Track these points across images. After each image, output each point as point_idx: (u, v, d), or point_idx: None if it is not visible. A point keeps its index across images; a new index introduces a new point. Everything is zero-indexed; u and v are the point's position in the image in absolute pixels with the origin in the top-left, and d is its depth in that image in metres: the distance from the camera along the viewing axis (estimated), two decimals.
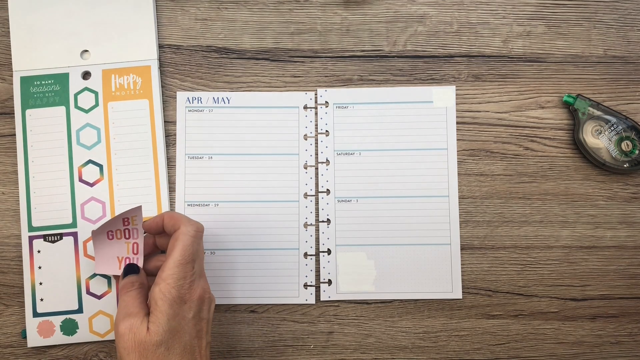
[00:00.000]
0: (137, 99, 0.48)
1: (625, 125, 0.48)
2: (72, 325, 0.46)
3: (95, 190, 0.47)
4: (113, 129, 0.48)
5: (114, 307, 0.46)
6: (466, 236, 0.48)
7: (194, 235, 0.40)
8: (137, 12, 0.49)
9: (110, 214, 0.47)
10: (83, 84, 0.48)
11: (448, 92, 0.49)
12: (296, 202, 0.48)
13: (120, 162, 0.48)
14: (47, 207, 0.47)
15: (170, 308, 0.38)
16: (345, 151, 0.49)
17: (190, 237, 0.40)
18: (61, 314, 0.46)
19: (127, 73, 0.48)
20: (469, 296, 0.48)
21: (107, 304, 0.47)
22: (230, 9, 0.50)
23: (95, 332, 0.47)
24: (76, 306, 0.46)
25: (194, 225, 0.41)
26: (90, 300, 0.47)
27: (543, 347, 0.47)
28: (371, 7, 0.50)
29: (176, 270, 0.39)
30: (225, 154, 0.49)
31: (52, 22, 0.49)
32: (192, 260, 0.40)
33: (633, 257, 0.48)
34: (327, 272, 0.48)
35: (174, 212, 0.43)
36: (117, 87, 0.48)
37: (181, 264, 0.39)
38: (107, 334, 0.47)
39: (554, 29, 0.50)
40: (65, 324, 0.46)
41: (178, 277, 0.39)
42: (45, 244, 0.47)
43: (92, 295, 0.46)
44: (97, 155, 0.48)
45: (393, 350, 0.47)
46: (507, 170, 0.49)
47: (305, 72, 0.50)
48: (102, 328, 0.47)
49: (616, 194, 0.48)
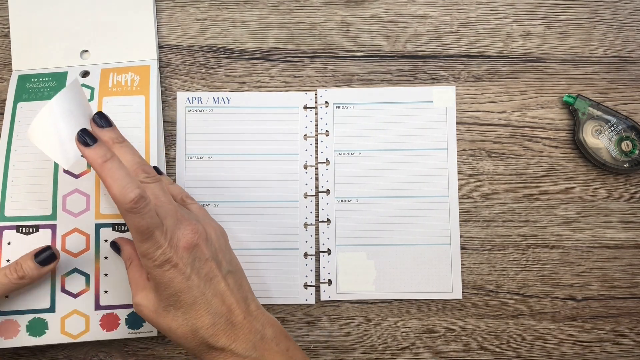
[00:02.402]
0: (134, 94, 0.47)
1: (625, 125, 0.48)
2: (41, 325, 0.43)
3: (80, 182, 0.45)
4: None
5: (91, 307, 0.44)
6: (466, 236, 0.48)
7: None
8: (137, 13, 0.49)
9: (95, 207, 0.45)
10: (81, 81, 0.47)
11: (448, 92, 0.49)
12: (296, 202, 0.48)
13: None
14: (24, 197, 0.44)
15: (161, 278, 0.37)
16: (345, 151, 0.49)
17: None
18: (28, 313, 0.43)
19: (125, 72, 0.48)
20: (469, 296, 0.48)
21: (84, 303, 0.44)
22: (230, 9, 0.50)
23: (67, 333, 0.43)
24: (48, 304, 0.43)
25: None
26: (64, 298, 0.44)
27: (543, 347, 0.47)
28: (371, 7, 0.50)
29: (143, 247, 0.36)
30: (225, 154, 0.49)
31: (52, 22, 0.49)
32: (151, 231, 0.36)
33: (633, 257, 0.48)
34: (327, 272, 0.48)
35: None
36: (115, 84, 0.47)
37: (142, 241, 0.36)
38: (80, 336, 0.44)
39: (554, 29, 0.50)
40: (33, 323, 0.43)
41: (149, 252, 0.36)
42: (18, 235, 0.44)
43: (67, 294, 0.44)
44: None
45: (393, 350, 0.47)
46: (507, 170, 0.49)
47: (305, 72, 0.50)
48: (76, 329, 0.44)
49: (616, 194, 0.48)
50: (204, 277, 0.37)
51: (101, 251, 0.45)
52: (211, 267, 0.38)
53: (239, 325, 0.38)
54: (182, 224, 0.38)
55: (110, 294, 0.44)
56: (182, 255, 0.37)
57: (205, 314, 0.37)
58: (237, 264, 0.42)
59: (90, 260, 0.45)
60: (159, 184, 0.39)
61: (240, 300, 0.39)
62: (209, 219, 0.43)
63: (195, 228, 0.38)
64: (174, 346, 0.47)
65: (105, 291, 0.44)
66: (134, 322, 0.45)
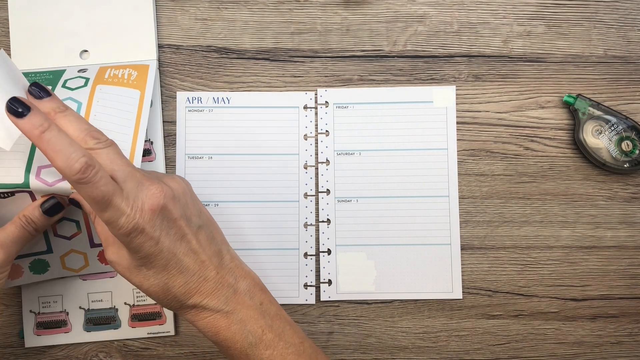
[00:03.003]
0: (129, 87, 0.45)
1: (626, 125, 0.48)
2: (42, 264, 0.45)
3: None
4: (96, 107, 0.43)
5: (86, 245, 0.45)
6: (466, 236, 0.48)
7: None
8: (137, 13, 0.49)
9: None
10: (77, 74, 0.46)
11: (448, 92, 0.49)
12: (296, 202, 0.48)
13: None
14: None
15: (129, 244, 0.35)
16: (345, 151, 0.49)
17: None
18: (28, 256, 0.44)
19: (124, 68, 0.47)
20: (469, 296, 0.48)
21: (79, 243, 0.45)
22: (230, 9, 0.50)
23: (69, 268, 0.45)
24: (45, 248, 0.44)
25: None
26: (59, 241, 0.44)
27: (543, 347, 0.47)
28: (371, 7, 0.50)
29: (105, 217, 0.34)
30: (225, 154, 0.49)
31: (51, 22, 0.48)
32: (107, 199, 0.33)
33: (633, 257, 0.48)
34: (327, 272, 0.48)
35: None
36: (111, 76, 0.46)
37: (101, 210, 0.34)
38: (81, 269, 0.45)
39: (554, 29, 0.50)
40: (35, 264, 0.45)
41: (112, 221, 0.34)
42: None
43: (61, 237, 0.44)
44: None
45: (393, 350, 0.47)
46: (507, 170, 0.49)
47: (305, 72, 0.50)
48: (76, 264, 0.45)
49: (616, 194, 0.48)
50: (174, 238, 0.36)
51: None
52: (180, 226, 0.36)
53: (212, 280, 0.37)
54: (145, 185, 0.35)
55: None
56: (149, 219, 0.35)
57: (177, 273, 0.36)
58: (207, 215, 0.40)
59: (77, 211, 0.44)
60: (113, 148, 0.36)
61: (213, 254, 0.38)
62: (169, 175, 0.41)
63: (161, 188, 0.36)
64: (174, 346, 0.47)
65: None
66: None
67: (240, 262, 0.40)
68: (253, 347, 0.37)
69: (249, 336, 0.37)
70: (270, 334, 0.38)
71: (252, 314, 0.38)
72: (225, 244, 0.40)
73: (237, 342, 0.37)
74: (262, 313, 0.38)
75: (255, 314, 0.38)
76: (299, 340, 0.39)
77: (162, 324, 0.47)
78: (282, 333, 0.38)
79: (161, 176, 0.39)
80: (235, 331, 0.37)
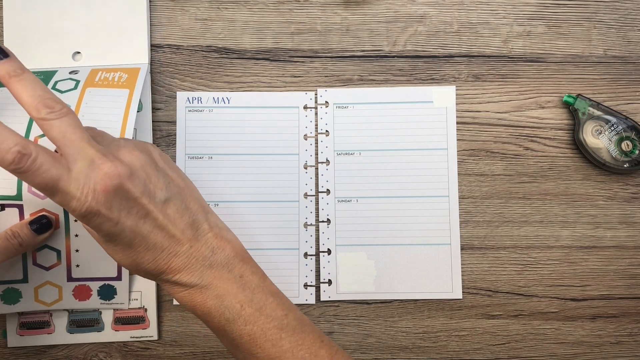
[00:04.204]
0: (118, 88, 0.45)
1: (625, 125, 0.48)
2: (15, 294, 0.44)
3: None
4: (84, 107, 0.43)
5: (63, 278, 0.44)
6: (466, 236, 0.48)
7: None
8: (131, 15, 0.49)
9: None
10: (68, 76, 0.47)
11: (448, 92, 0.49)
12: (296, 202, 0.48)
13: None
14: None
15: (88, 225, 0.33)
16: (345, 151, 0.49)
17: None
18: (3, 284, 0.44)
19: (115, 71, 0.47)
20: (469, 296, 0.48)
21: (56, 275, 0.44)
22: (230, 9, 0.50)
23: (41, 301, 0.44)
24: (21, 276, 0.44)
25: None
26: (37, 270, 0.44)
27: (543, 347, 0.47)
28: (371, 7, 0.50)
29: (56, 201, 0.32)
30: (225, 154, 0.49)
31: (45, 23, 0.48)
32: (52, 185, 0.31)
33: (633, 257, 0.48)
34: (327, 272, 0.48)
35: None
36: (102, 79, 0.46)
37: (49, 196, 0.32)
38: (53, 304, 0.45)
39: (554, 29, 0.50)
40: (7, 293, 0.44)
41: (64, 205, 0.32)
42: None
43: (39, 267, 0.44)
44: None
45: (393, 350, 0.47)
46: (507, 170, 0.49)
47: (305, 72, 0.50)
48: (49, 297, 0.44)
49: (616, 194, 0.48)
50: (136, 217, 0.33)
51: (71, 229, 0.44)
52: (142, 204, 0.33)
53: (184, 255, 0.35)
54: (96, 164, 0.32)
55: (81, 268, 0.45)
56: (103, 201, 0.32)
57: (144, 251, 0.34)
58: (178, 182, 0.37)
59: (61, 237, 0.44)
60: (67, 119, 0.32)
61: (185, 227, 0.35)
62: (131, 144, 0.36)
63: (114, 167, 0.32)
64: (174, 346, 0.47)
65: (77, 265, 0.45)
66: (105, 293, 0.45)
67: (221, 229, 0.38)
68: (231, 323, 0.35)
69: (226, 312, 0.35)
70: (250, 308, 0.35)
71: (230, 289, 0.35)
72: (202, 211, 0.37)
73: (214, 318, 0.35)
74: (242, 286, 0.36)
75: (234, 288, 0.35)
76: (282, 312, 0.36)
77: (145, 328, 0.47)
78: (263, 307, 0.36)
79: (119, 148, 0.35)
80: (212, 307, 0.35)
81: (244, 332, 0.35)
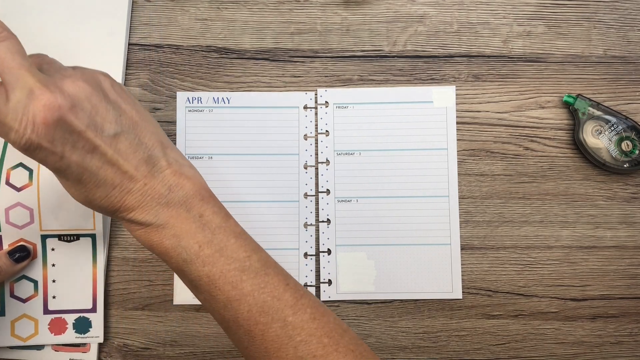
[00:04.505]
0: None
1: (625, 125, 0.48)
2: None
3: (22, 196, 0.45)
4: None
5: (39, 311, 0.45)
6: (466, 236, 0.48)
7: None
8: (110, 39, 0.48)
9: (39, 220, 0.45)
10: None
11: (448, 92, 0.49)
12: (296, 202, 0.48)
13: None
14: None
15: (33, 158, 0.31)
16: (345, 151, 0.49)
17: None
18: None
19: None
20: (469, 296, 0.48)
21: (33, 307, 0.45)
22: (230, 9, 0.50)
23: (17, 335, 0.45)
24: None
25: None
26: (14, 303, 0.45)
27: (543, 347, 0.47)
28: (371, 7, 0.50)
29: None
30: (225, 154, 0.49)
31: (23, 36, 0.48)
32: None
33: (633, 257, 0.48)
34: (327, 272, 0.48)
35: None
36: None
37: None
38: (29, 339, 0.45)
39: (554, 29, 0.50)
40: None
41: (3, 136, 0.30)
42: None
43: (17, 299, 0.45)
44: (28, 159, 0.45)
45: (393, 350, 0.47)
46: (507, 170, 0.49)
47: (305, 72, 0.50)
48: (25, 332, 0.45)
49: (616, 194, 0.48)
50: (83, 151, 0.31)
51: (49, 259, 0.45)
52: (88, 137, 0.31)
53: (137, 192, 0.33)
54: (36, 94, 0.30)
55: (58, 299, 0.46)
56: (44, 134, 0.30)
57: (94, 187, 0.32)
58: (131, 115, 0.34)
59: (38, 267, 0.45)
60: (7, 44, 0.30)
61: (139, 163, 0.33)
62: (78, 72, 0.33)
63: (54, 98, 0.30)
64: (174, 346, 0.47)
65: (54, 296, 0.46)
66: (80, 327, 0.46)
67: (182, 165, 0.35)
68: (188, 264, 0.33)
69: (183, 253, 0.33)
70: (209, 249, 0.34)
71: (188, 228, 0.33)
72: (159, 146, 0.35)
73: (172, 258, 0.34)
74: (201, 226, 0.34)
75: (193, 227, 0.34)
76: (245, 254, 0.34)
77: (85, 352, 0.46)
78: (224, 248, 0.34)
79: (64, 78, 0.32)
80: (169, 247, 0.33)
81: (202, 274, 0.33)
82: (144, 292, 0.48)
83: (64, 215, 0.45)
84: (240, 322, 0.34)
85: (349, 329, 0.36)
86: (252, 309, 0.33)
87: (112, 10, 0.49)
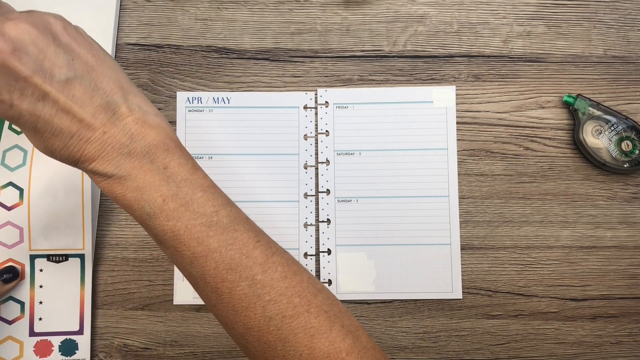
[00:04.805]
0: None
1: (625, 125, 0.48)
2: None
3: (13, 215, 0.45)
4: (39, 153, 0.44)
5: (25, 333, 0.45)
6: (466, 236, 0.48)
7: None
8: (98, 35, 0.47)
9: (28, 240, 0.45)
10: None
11: (448, 92, 0.49)
12: (296, 202, 0.48)
13: (40, 188, 0.45)
14: None
15: None
16: (345, 151, 0.49)
17: None
18: None
19: None
20: (469, 296, 0.48)
21: (18, 329, 0.45)
22: (230, 9, 0.50)
23: (2, 358, 0.45)
24: None
25: None
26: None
27: (543, 347, 0.47)
28: (371, 7, 0.50)
29: None
30: (225, 154, 0.49)
31: None
32: None
33: (633, 257, 0.48)
34: (327, 272, 0.48)
35: None
36: None
37: None
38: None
39: (554, 29, 0.50)
40: None
41: None
42: None
43: (2, 320, 0.45)
44: (19, 178, 0.46)
45: (393, 350, 0.47)
46: (507, 170, 0.49)
47: (305, 72, 0.50)
48: (10, 354, 0.45)
49: (616, 194, 0.48)
50: (33, 98, 0.29)
51: (36, 280, 0.45)
52: (36, 83, 0.29)
53: (97, 141, 0.31)
54: None
55: (44, 321, 0.46)
56: None
57: (50, 136, 0.31)
58: (86, 59, 0.31)
59: (26, 288, 0.45)
60: None
61: (97, 110, 0.31)
62: (24, 15, 0.30)
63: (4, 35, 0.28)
64: (174, 347, 0.47)
65: (40, 318, 0.45)
66: (67, 349, 0.46)
67: (146, 112, 0.33)
68: (152, 218, 0.32)
69: (146, 206, 0.32)
70: (174, 203, 0.32)
71: (151, 181, 0.32)
72: (120, 92, 0.32)
73: (135, 211, 0.32)
74: (165, 179, 0.32)
75: (157, 180, 0.32)
76: (212, 209, 0.33)
77: None
78: (190, 202, 0.32)
79: (6, 21, 0.30)
80: (132, 199, 0.32)
81: (166, 228, 0.32)
82: (144, 292, 0.48)
83: (53, 234, 0.45)
84: (207, 279, 0.32)
85: (325, 288, 0.34)
86: (219, 265, 0.32)
87: (101, 8, 0.49)
